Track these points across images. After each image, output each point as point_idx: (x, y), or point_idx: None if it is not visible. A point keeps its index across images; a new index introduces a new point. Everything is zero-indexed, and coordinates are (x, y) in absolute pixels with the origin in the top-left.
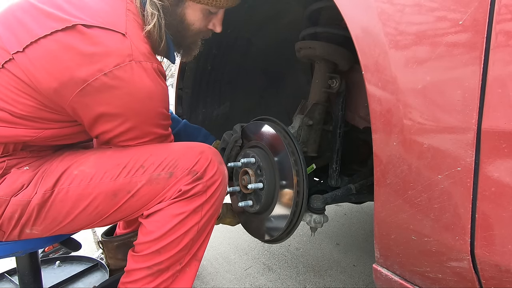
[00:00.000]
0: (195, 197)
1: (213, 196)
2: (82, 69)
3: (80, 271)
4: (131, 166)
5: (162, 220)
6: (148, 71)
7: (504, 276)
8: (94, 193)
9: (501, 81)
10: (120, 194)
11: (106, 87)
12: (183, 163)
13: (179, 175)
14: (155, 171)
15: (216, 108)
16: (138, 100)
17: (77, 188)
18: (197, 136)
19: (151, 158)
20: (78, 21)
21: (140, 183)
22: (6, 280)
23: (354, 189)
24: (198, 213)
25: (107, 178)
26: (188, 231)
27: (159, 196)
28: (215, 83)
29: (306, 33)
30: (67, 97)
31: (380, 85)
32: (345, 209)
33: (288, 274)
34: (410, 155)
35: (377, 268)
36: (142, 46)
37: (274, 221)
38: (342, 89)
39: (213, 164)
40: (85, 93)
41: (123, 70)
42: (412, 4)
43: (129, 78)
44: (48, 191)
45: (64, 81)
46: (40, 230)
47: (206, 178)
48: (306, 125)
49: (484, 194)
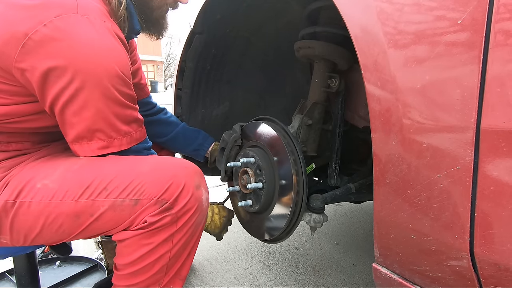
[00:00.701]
0: (163, 228)
1: (185, 225)
2: (22, 23)
3: (79, 272)
4: (94, 187)
5: (132, 247)
6: (97, 27)
7: (503, 275)
8: (55, 213)
9: (500, 80)
10: (82, 216)
11: (47, 39)
12: (150, 190)
13: (145, 203)
14: (119, 196)
15: (216, 108)
16: (85, 54)
17: (38, 204)
18: (196, 138)
19: (116, 180)
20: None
21: (102, 207)
22: (7, 279)
23: (353, 189)
24: (168, 242)
25: (69, 198)
26: (159, 258)
27: (125, 223)
28: (214, 83)
29: (305, 33)
30: (11, 57)
31: (379, 85)
32: (344, 208)
33: (288, 273)
34: (409, 154)
35: (376, 267)
36: (94, 4)
37: (273, 220)
38: (342, 88)
39: (186, 191)
40: (27, 49)
41: (65, 21)
42: (411, 3)
43: (72, 29)
44: (9, 202)
45: (7, 38)
46: (8, 239)
47: (177, 209)
48: (305, 125)
49: (483, 193)
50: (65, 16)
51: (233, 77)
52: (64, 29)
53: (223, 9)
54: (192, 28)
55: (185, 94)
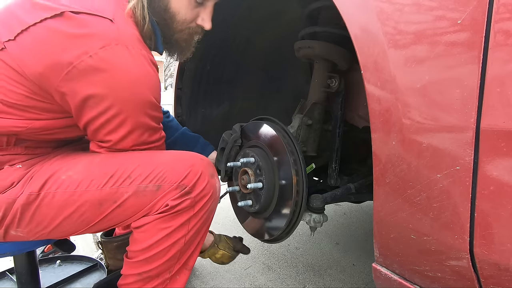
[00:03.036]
0: (182, 212)
1: (201, 210)
2: (67, 52)
3: (79, 271)
4: (118, 176)
5: (149, 232)
6: (135, 56)
7: (503, 275)
8: (80, 201)
9: (499, 80)
10: (106, 203)
11: (91, 70)
12: (171, 176)
13: (167, 188)
14: (142, 182)
15: (216, 108)
16: (124, 84)
17: (63, 194)
18: (194, 146)
19: (139, 168)
20: (66, 9)
21: (126, 194)
22: (7, 278)
23: (353, 189)
24: (185, 226)
25: (94, 187)
26: (174, 243)
27: (146, 208)
28: (214, 83)
29: (305, 33)
30: (53, 82)
31: (379, 85)
32: (344, 208)
33: (288, 273)
34: (409, 154)
35: (376, 267)
36: (131, 32)
37: (273, 220)
38: (341, 88)
39: (203, 178)
40: (70, 76)
41: (108, 52)
42: (410, 3)
43: (114, 61)
44: (33, 194)
45: (50, 64)
46: (25, 232)
47: (195, 193)
48: (305, 125)
49: (483, 193)
50: (108, 47)
51: (233, 77)
52: (107, 60)
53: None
54: None
55: (185, 94)
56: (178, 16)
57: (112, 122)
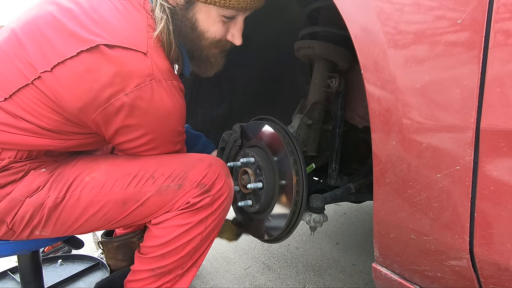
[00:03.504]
0: (202, 209)
1: (219, 208)
2: (105, 90)
3: (81, 270)
4: (141, 176)
5: (168, 228)
6: (168, 90)
7: (503, 275)
8: (104, 200)
9: (499, 80)
10: (129, 202)
11: (127, 106)
12: (192, 176)
13: (188, 187)
14: (165, 182)
15: (216, 108)
16: (157, 118)
17: (88, 195)
18: (196, 144)
19: (161, 169)
20: (101, 41)
21: (149, 193)
22: (9, 278)
23: (353, 188)
24: (203, 223)
25: (118, 187)
26: (191, 239)
27: (167, 206)
28: (214, 82)
29: (305, 33)
30: (90, 115)
31: (379, 85)
32: (344, 208)
33: (288, 273)
34: (409, 154)
35: (376, 267)
36: (163, 63)
37: (273, 220)
38: (341, 88)
39: (221, 178)
40: (107, 112)
41: (143, 90)
42: (411, 3)
43: (149, 97)
44: (60, 197)
45: (88, 101)
46: (49, 232)
47: (214, 191)
48: (305, 125)
49: (483, 193)
50: (143, 85)
51: (233, 77)
52: (142, 97)
53: None
54: None
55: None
56: (207, 34)
57: (142, 147)
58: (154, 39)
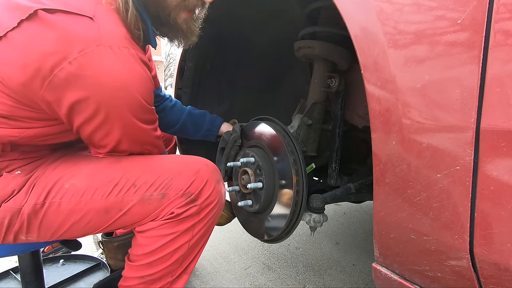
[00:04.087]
0: (188, 218)
1: (207, 216)
2: (47, 59)
3: (83, 270)
4: (123, 184)
5: (153, 238)
6: (121, 58)
7: (503, 275)
8: (85, 209)
9: (499, 80)
10: (111, 211)
11: (73, 77)
12: (177, 184)
13: (172, 196)
14: (148, 191)
15: (215, 108)
16: (111, 90)
17: (69, 203)
18: (203, 123)
19: (143, 176)
20: (39, 6)
21: (131, 202)
22: (11, 277)
23: (353, 188)
24: (190, 232)
25: (98, 196)
26: (178, 248)
27: (152, 215)
28: (214, 82)
29: (305, 33)
30: (37, 91)
31: (379, 84)
32: (344, 208)
33: (288, 273)
34: (409, 154)
35: (376, 267)
36: (115, 29)
37: (273, 220)
38: (341, 88)
39: (209, 185)
40: (54, 85)
41: (89, 57)
42: (411, 3)
43: (97, 65)
44: (39, 203)
45: (31, 74)
46: (35, 237)
47: (201, 201)
48: (305, 125)
49: (483, 193)
50: (88, 51)
51: (233, 77)
52: (88, 65)
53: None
54: None
55: (185, 94)
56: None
57: (102, 128)
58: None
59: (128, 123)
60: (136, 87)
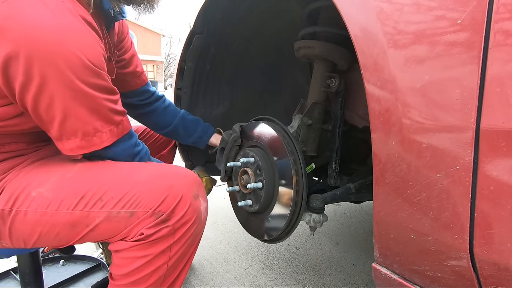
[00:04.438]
0: (161, 240)
1: (183, 237)
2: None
3: (83, 271)
4: (89, 198)
5: (127, 259)
6: (52, 7)
7: (502, 275)
8: (51, 222)
9: (499, 80)
10: (78, 226)
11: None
12: (146, 201)
13: (141, 215)
14: (114, 207)
15: (215, 108)
16: (41, 44)
17: (34, 213)
18: (194, 131)
19: (111, 190)
20: None
21: (98, 218)
22: (11, 277)
23: (353, 188)
24: (166, 254)
25: (64, 208)
26: (156, 269)
27: (121, 234)
28: (214, 83)
29: (305, 33)
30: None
31: (379, 84)
32: (344, 208)
33: (288, 273)
34: (409, 154)
35: (376, 267)
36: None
37: (273, 220)
38: (341, 88)
39: (184, 202)
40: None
41: (12, 6)
42: (410, 3)
43: (21, 14)
44: (6, 209)
45: None
46: (9, 243)
47: (174, 221)
48: (305, 125)
49: (483, 193)
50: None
51: (233, 77)
52: (12, 15)
53: (223, 9)
54: (192, 28)
55: (185, 94)
56: None
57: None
58: None
59: (71, 86)
60: (76, 43)
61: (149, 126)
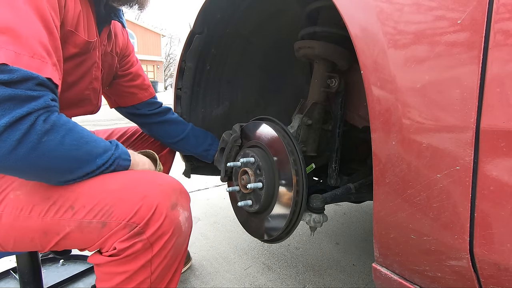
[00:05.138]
0: (138, 255)
1: (163, 250)
2: None
3: (82, 271)
4: (60, 204)
5: (107, 274)
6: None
7: (503, 275)
8: (23, 226)
9: (499, 80)
10: (49, 233)
11: None
12: (119, 212)
13: (114, 227)
14: (86, 216)
15: (215, 108)
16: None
17: (8, 216)
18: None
19: (82, 198)
20: None
21: (68, 227)
22: (11, 277)
23: (353, 189)
24: (147, 268)
25: (35, 213)
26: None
27: (96, 244)
28: (214, 83)
29: (305, 33)
30: None
31: (379, 85)
32: (344, 208)
33: (288, 273)
34: (409, 154)
35: (376, 267)
36: None
37: (273, 220)
38: (341, 88)
39: (159, 213)
40: None
41: None
42: (411, 3)
43: None
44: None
45: None
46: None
47: (149, 233)
48: (305, 125)
49: (483, 193)
50: None
51: (233, 77)
52: None
53: (223, 9)
54: (192, 28)
55: (185, 94)
56: None
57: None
58: None
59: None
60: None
61: (162, 136)
